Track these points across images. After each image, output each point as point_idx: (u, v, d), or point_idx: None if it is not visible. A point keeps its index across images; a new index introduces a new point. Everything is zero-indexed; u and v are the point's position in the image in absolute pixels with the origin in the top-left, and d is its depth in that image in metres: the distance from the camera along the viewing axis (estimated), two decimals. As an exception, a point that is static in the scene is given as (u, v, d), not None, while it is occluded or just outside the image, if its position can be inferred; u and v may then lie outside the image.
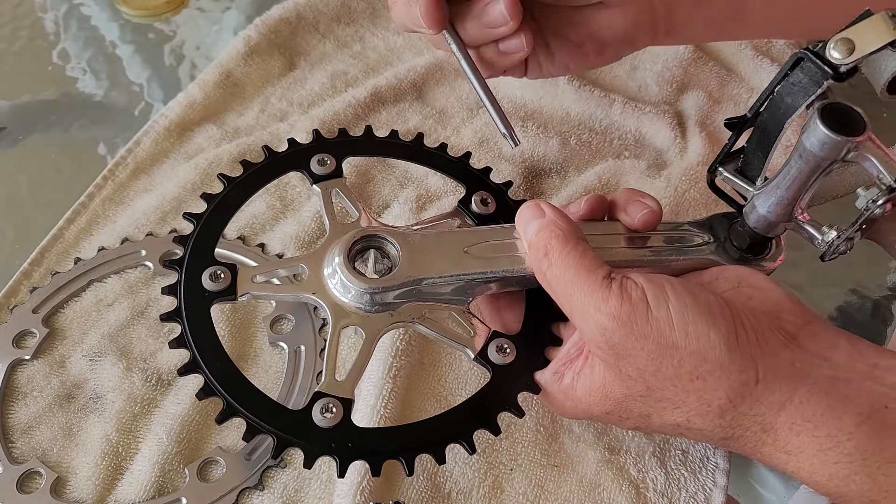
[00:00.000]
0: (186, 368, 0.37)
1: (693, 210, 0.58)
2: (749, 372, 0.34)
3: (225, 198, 0.42)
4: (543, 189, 0.59)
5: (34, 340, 0.48)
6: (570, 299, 0.36)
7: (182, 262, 0.39)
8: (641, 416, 0.37)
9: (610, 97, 0.64)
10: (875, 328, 0.54)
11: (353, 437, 0.36)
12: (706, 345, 0.33)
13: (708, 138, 0.62)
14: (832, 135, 0.34)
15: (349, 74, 0.67)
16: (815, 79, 0.35)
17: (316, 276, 0.40)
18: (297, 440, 0.35)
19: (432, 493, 0.43)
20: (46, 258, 0.52)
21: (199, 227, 0.41)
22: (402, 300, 0.39)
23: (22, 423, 0.45)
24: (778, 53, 0.69)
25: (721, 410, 0.34)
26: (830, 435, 0.33)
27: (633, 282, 0.35)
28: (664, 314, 0.34)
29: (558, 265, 0.36)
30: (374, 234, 0.40)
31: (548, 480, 0.44)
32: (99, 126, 0.64)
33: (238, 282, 0.39)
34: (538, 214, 0.38)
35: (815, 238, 0.40)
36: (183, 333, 0.37)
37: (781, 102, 0.38)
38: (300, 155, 0.45)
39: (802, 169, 0.37)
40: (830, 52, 0.35)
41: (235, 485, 0.43)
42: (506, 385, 0.39)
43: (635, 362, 0.35)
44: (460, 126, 0.64)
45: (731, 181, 0.42)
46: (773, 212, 0.40)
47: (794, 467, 0.34)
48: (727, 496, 0.44)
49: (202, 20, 0.75)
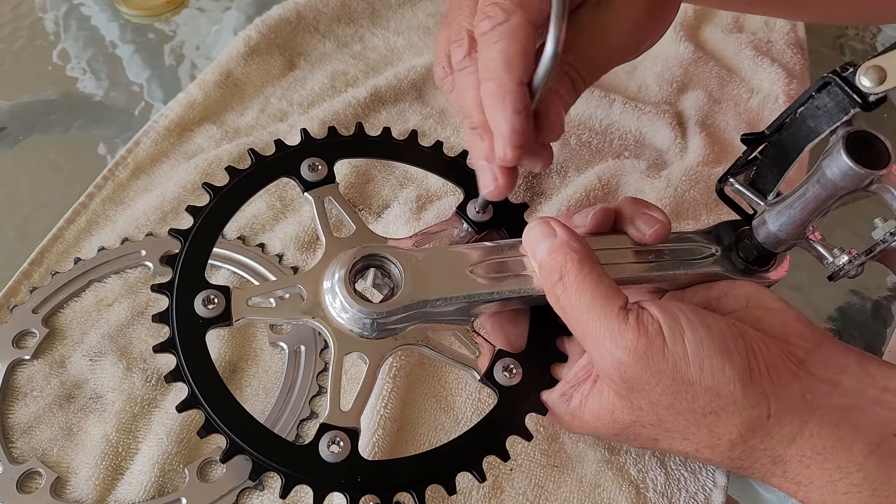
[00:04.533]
0: (186, 404, 0.35)
1: (693, 210, 0.58)
2: (761, 407, 0.33)
3: (212, 210, 0.40)
4: (543, 189, 0.59)
5: (34, 340, 0.48)
6: (585, 327, 0.35)
7: (172, 287, 0.37)
8: (650, 439, 0.37)
9: (610, 97, 0.64)
10: (875, 329, 0.54)
11: (361, 470, 0.35)
12: (721, 380, 0.33)
13: (708, 138, 0.62)
14: (855, 167, 0.33)
15: (349, 74, 0.67)
16: (842, 105, 0.34)
17: (314, 297, 0.38)
18: (305, 477, 0.34)
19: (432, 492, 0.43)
20: (46, 258, 0.52)
21: (186, 247, 0.39)
22: (405, 323, 0.38)
23: (22, 423, 0.45)
24: (778, 53, 0.70)
25: (731, 444, 0.34)
26: (840, 466, 0.33)
27: (650, 314, 0.34)
28: (680, 349, 0.33)
29: (573, 291, 0.35)
30: (375, 254, 0.39)
31: (548, 480, 0.44)
32: (99, 126, 0.64)
33: (232, 306, 0.37)
34: (549, 234, 0.37)
35: (825, 258, 0.39)
36: (179, 367, 0.35)
37: (804, 125, 0.37)
38: (289, 159, 0.43)
39: (819, 194, 0.36)
40: (860, 79, 0.33)
41: (235, 485, 0.43)
42: (513, 407, 0.38)
43: (648, 396, 0.34)
44: (460, 126, 0.63)
45: (742, 193, 0.41)
46: (784, 231, 0.39)
47: (804, 497, 0.34)
48: (727, 496, 0.44)
49: (202, 20, 0.75)
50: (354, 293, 0.37)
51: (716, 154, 0.62)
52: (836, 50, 0.76)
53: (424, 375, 0.48)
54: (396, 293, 0.38)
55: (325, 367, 0.48)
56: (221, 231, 0.40)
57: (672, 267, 0.41)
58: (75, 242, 0.54)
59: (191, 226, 0.39)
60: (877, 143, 0.34)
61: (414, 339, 0.39)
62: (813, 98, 0.36)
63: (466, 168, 0.46)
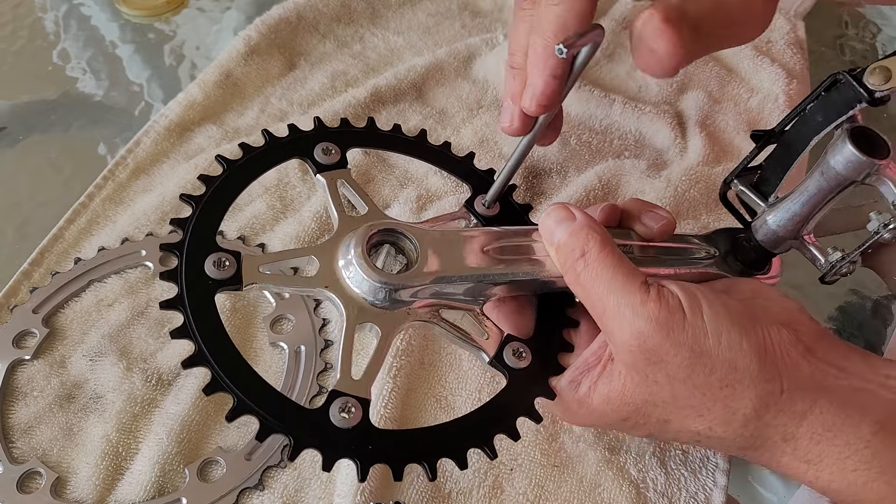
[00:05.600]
0: (192, 361, 0.33)
1: (693, 210, 0.58)
2: (775, 382, 0.34)
3: (225, 181, 0.39)
4: (544, 189, 0.59)
5: (34, 340, 0.48)
6: (605, 301, 0.36)
7: (182, 247, 0.36)
8: (660, 421, 0.37)
9: (610, 97, 0.64)
10: (875, 328, 0.54)
11: (373, 439, 0.34)
12: (738, 353, 0.34)
13: (708, 138, 0.62)
14: (860, 154, 0.36)
15: (349, 74, 0.67)
16: (849, 100, 0.37)
17: (328, 269, 0.38)
18: (315, 441, 0.33)
19: (432, 493, 0.43)
20: (46, 258, 0.52)
21: (198, 211, 0.37)
22: (417, 298, 0.38)
23: (22, 424, 0.45)
24: (778, 53, 0.70)
25: (745, 420, 0.35)
26: (849, 443, 0.33)
27: (669, 290, 0.35)
28: (699, 322, 0.34)
29: (595, 266, 0.36)
30: (392, 229, 0.39)
31: (548, 480, 0.44)
32: (99, 126, 0.64)
33: (243, 271, 0.36)
34: (568, 217, 0.38)
35: (818, 259, 0.41)
36: (186, 323, 0.34)
37: (812, 119, 0.39)
38: (303, 142, 0.43)
39: (822, 186, 0.38)
40: (867, 78, 0.36)
41: (235, 485, 0.43)
42: (522, 390, 0.38)
43: (666, 368, 0.35)
44: (460, 126, 0.64)
45: (744, 194, 0.43)
46: (784, 227, 0.41)
47: (813, 476, 0.35)
48: (727, 496, 0.44)
49: (202, 20, 0.75)
50: (372, 263, 0.37)
51: (716, 154, 0.62)
52: (836, 50, 0.76)
53: (425, 375, 0.48)
54: (414, 268, 0.38)
55: (325, 367, 0.48)
56: (233, 202, 0.39)
57: (675, 264, 0.42)
58: (75, 242, 0.54)
59: (202, 193, 0.39)
60: (877, 138, 0.37)
61: (426, 314, 0.38)
62: (822, 94, 0.39)
63: (473, 167, 0.47)
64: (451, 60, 0.68)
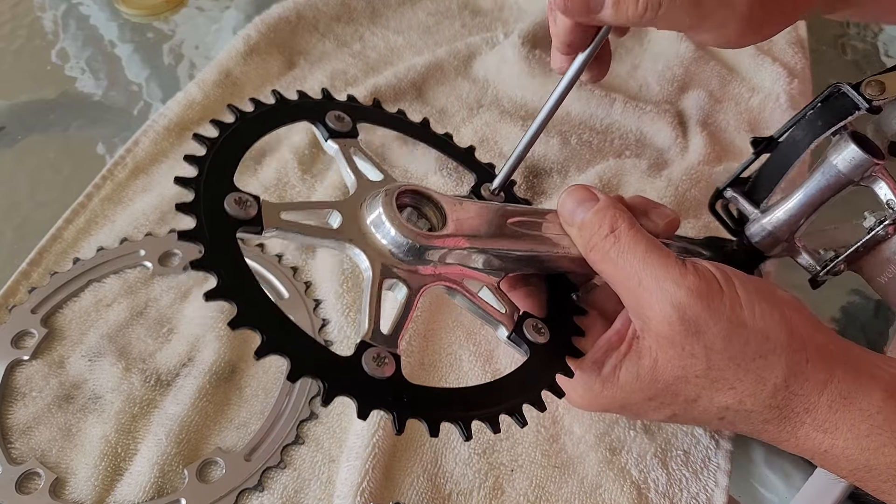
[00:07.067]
0: (215, 293, 0.30)
1: (694, 209, 0.57)
2: (801, 352, 0.35)
3: (238, 129, 0.37)
4: (544, 188, 0.59)
5: (33, 341, 0.48)
6: (641, 274, 0.36)
7: (199, 183, 0.33)
8: (687, 400, 0.37)
9: (611, 96, 0.64)
10: (877, 328, 0.54)
11: (408, 392, 0.32)
12: (770, 324, 0.35)
13: (709, 138, 0.62)
14: (862, 153, 0.39)
15: (349, 73, 0.67)
16: (848, 108, 0.41)
17: (353, 224, 0.36)
18: (348, 389, 0.31)
19: (432, 493, 0.43)
20: (45, 258, 0.52)
21: (215, 151, 0.35)
22: (442, 263, 0.37)
23: (21, 424, 0.45)
24: (779, 52, 0.69)
25: (775, 389, 0.36)
26: (862, 409, 0.35)
27: (703, 264, 0.37)
28: (734, 294, 0.36)
29: (627, 241, 0.37)
30: (420, 192, 0.38)
31: (549, 481, 0.44)
32: (98, 126, 0.64)
33: (263, 215, 0.33)
34: (591, 197, 0.39)
35: (808, 262, 0.44)
36: (206, 255, 0.31)
37: (812, 125, 0.42)
38: (315, 106, 0.41)
39: (821, 185, 0.41)
40: (864, 89, 0.41)
41: (235, 486, 0.43)
42: (544, 364, 0.38)
43: (704, 339, 0.35)
44: (460, 125, 0.63)
45: (736, 201, 0.46)
46: (779, 227, 0.44)
47: (829, 445, 0.36)
48: (729, 497, 0.44)
49: (201, 19, 0.74)
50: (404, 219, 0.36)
51: (717, 153, 0.62)
52: (838, 49, 0.76)
53: (425, 377, 0.48)
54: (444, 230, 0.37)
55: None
56: (248, 149, 0.37)
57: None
58: (74, 242, 0.54)
59: (216, 136, 0.37)
60: (870, 143, 0.41)
61: (451, 278, 0.38)
62: (822, 102, 0.42)
63: (475, 158, 0.48)
64: (451, 60, 0.67)
